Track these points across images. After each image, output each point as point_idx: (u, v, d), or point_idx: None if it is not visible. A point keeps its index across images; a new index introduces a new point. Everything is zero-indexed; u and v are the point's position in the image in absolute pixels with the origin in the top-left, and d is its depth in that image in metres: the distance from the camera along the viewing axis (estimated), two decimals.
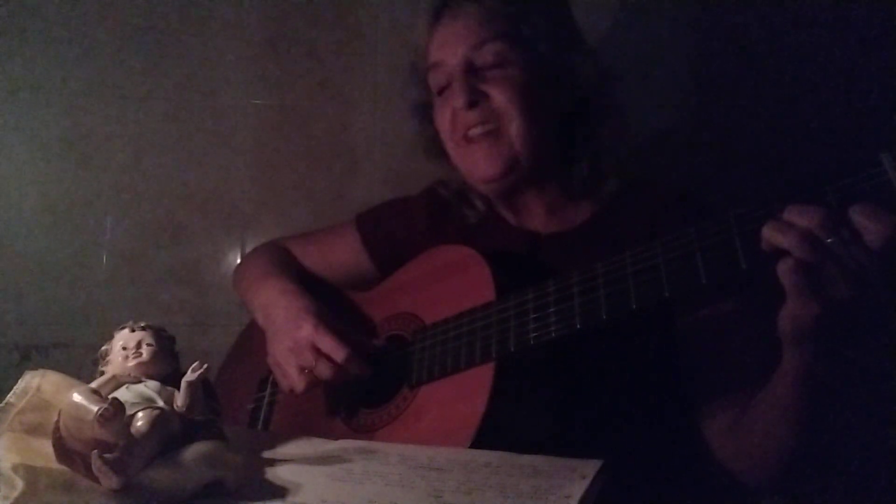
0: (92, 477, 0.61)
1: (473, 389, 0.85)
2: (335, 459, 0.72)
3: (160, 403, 0.65)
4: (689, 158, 1.36)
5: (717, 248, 0.72)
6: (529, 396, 0.89)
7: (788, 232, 0.66)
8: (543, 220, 1.07)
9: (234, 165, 1.46)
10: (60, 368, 0.72)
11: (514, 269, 0.97)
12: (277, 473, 0.69)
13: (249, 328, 1.22)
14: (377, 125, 1.46)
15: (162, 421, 0.63)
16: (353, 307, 1.12)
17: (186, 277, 1.44)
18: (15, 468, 0.63)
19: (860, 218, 0.64)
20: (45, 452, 0.65)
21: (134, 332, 0.71)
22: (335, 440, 0.81)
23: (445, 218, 1.15)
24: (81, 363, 1.33)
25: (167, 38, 1.44)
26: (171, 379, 0.68)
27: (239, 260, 1.41)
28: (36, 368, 0.71)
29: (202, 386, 0.66)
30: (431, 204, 1.17)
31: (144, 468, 0.61)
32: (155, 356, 0.70)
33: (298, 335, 0.98)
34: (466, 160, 1.03)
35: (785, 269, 0.66)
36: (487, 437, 0.80)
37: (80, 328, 1.40)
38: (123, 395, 0.64)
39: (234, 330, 1.28)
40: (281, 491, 0.65)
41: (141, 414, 0.63)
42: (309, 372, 0.96)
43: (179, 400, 0.65)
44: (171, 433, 0.64)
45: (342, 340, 0.95)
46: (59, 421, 0.63)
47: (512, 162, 1.00)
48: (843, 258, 0.64)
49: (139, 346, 0.70)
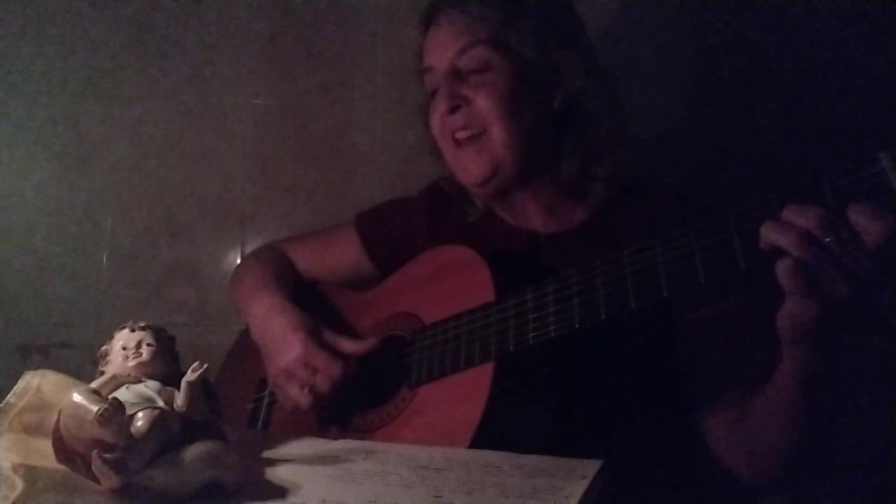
0: (92, 477, 0.61)
1: (473, 389, 0.85)
2: (335, 459, 0.72)
3: (160, 403, 0.65)
4: (689, 158, 1.36)
5: (715, 247, 0.72)
6: (529, 396, 0.89)
7: (787, 231, 0.66)
8: (541, 220, 1.07)
9: (234, 165, 1.45)
10: (60, 368, 0.72)
11: (513, 269, 0.97)
12: (277, 473, 0.69)
13: (249, 328, 1.22)
14: (377, 125, 1.45)
15: (162, 421, 0.63)
16: (353, 307, 1.12)
17: (186, 277, 1.44)
18: (15, 468, 0.63)
19: (858, 217, 0.64)
20: (45, 452, 0.65)
21: (134, 332, 0.71)
22: (335, 440, 0.81)
23: (445, 218, 1.15)
24: (81, 363, 1.34)
25: (167, 37, 1.44)
26: (171, 379, 0.68)
27: (239, 260, 1.41)
28: (36, 368, 0.72)
29: (202, 386, 0.66)
30: (431, 204, 1.17)
31: (144, 468, 0.61)
32: (155, 356, 0.69)
33: (290, 356, 0.98)
34: (456, 162, 1.05)
35: (783, 268, 0.66)
36: (487, 437, 0.80)
37: (80, 328, 1.40)
38: (123, 395, 0.64)
39: (234, 330, 1.28)
40: (281, 491, 0.65)
41: (141, 414, 0.63)
42: (309, 390, 0.96)
43: (179, 400, 0.65)
44: (171, 433, 0.64)
45: (334, 354, 0.97)
46: (59, 421, 0.63)
47: (496, 166, 1.01)
48: (841, 257, 0.64)
49: (139, 346, 0.70)
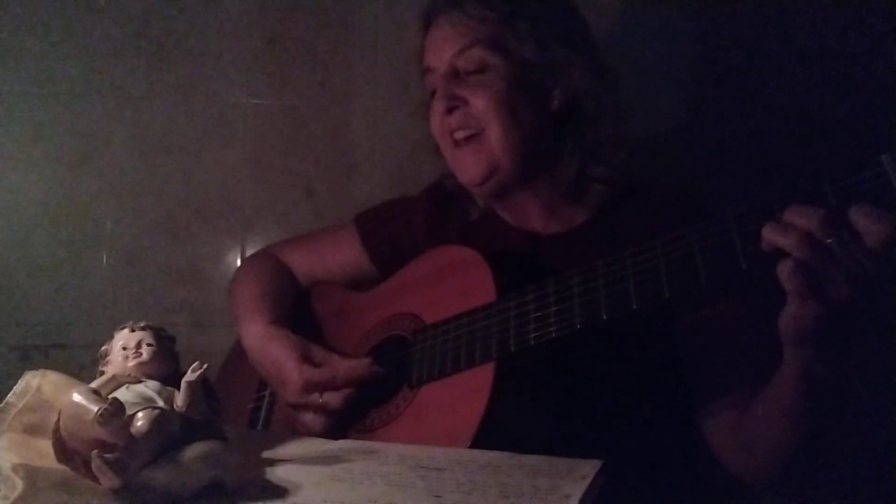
0: (92, 477, 0.61)
1: (473, 389, 0.85)
2: (335, 459, 0.73)
3: (160, 403, 0.65)
4: (689, 158, 1.36)
5: (716, 248, 0.72)
6: (529, 396, 0.89)
7: (788, 232, 0.66)
8: (542, 220, 1.07)
9: (234, 165, 1.45)
10: (60, 368, 0.72)
11: (514, 269, 0.97)
12: (277, 473, 0.69)
13: None
14: (377, 125, 1.45)
15: (162, 421, 0.63)
16: (353, 307, 1.12)
17: (186, 277, 1.44)
18: (15, 468, 0.63)
19: (860, 219, 0.64)
20: (45, 452, 0.65)
21: (134, 332, 0.71)
22: (335, 440, 0.81)
23: (446, 218, 1.15)
24: (81, 363, 1.34)
25: (167, 37, 1.44)
26: (171, 379, 0.68)
27: (239, 261, 1.41)
28: (36, 368, 0.72)
29: (202, 386, 0.66)
30: (431, 204, 1.17)
31: (144, 468, 0.61)
32: (155, 356, 0.70)
33: (292, 388, 0.98)
34: (454, 162, 1.05)
35: (785, 269, 0.66)
36: (487, 437, 0.80)
37: (80, 328, 1.40)
38: (123, 395, 0.64)
39: (234, 330, 1.27)
40: (281, 491, 0.65)
41: (141, 414, 0.63)
42: (322, 409, 0.96)
43: (179, 400, 0.65)
44: (171, 433, 0.64)
45: (332, 369, 0.96)
46: (59, 421, 0.63)
47: (493, 166, 1.01)
48: (843, 259, 0.64)
49: (139, 346, 0.70)
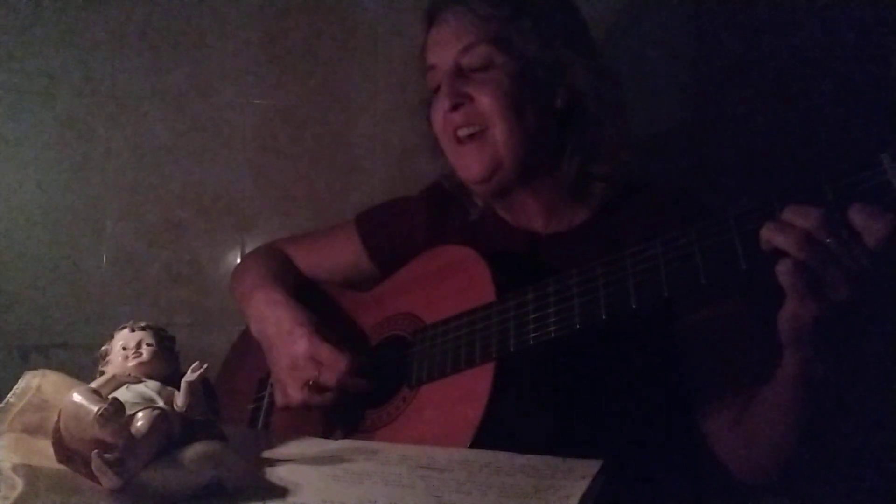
0: (92, 477, 0.61)
1: (473, 389, 0.85)
2: (335, 459, 0.72)
3: (160, 403, 0.65)
4: (689, 158, 1.36)
5: (716, 248, 0.72)
6: (529, 396, 0.89)
7: (788, 232, 0.66)
8: (542, 220, 1.07)
9: (234, 165, 1.45)
10: (60, 368, 0.73)
11: (513, 269, 0.97)
12: (277, 473, 0.69)
13: (249, 328, 1.22)
14: (377, 125, 1.45)
15: (162, 421, 0.63)
16: (353, 307, 1.12)
17: (186, 277, 1.44)
18: (15, 468, 0.63)
19: (859, 218, 0.64)
20: (45, 452, 0.65)
21: (134, 332, 0.71)
22: (335, 440, 0.81)
23: (445, 218, 1.15)
24: (81, 363, 1.34)
25: (167, 38, 1.44)
26: (171, 379, 0.68)
27: (239, 260, 1.41)
28: (36, 368, 0.72)
29: (202, 386, 0.66)
30: (431, 204, 1.17)
31: (144, 468, 0.61)
32: (155, 356, 0.70)
33: (295, 350, 0.97)
34: (456, 160, 1.05)
35: (784, 270, 0.66)
36: (487, 437, 0.80)
37: (80, 328, 1.40)
38: (123, 395, 0.64)
39: (234, 330, 1.28)
40: (281, 491, 0.65)
41: (141, 414, 0.63)
42: (311, 385, 0.96)
43: (179, 400, 0.65)
44: (171, 433, 0.64)
45: (339, 349, 0.95)
46: (59, 421, 0.63)
47: (496, 164, 1.01)
48: (842, 259, 0.64)
49: (139, 346, 0.70)
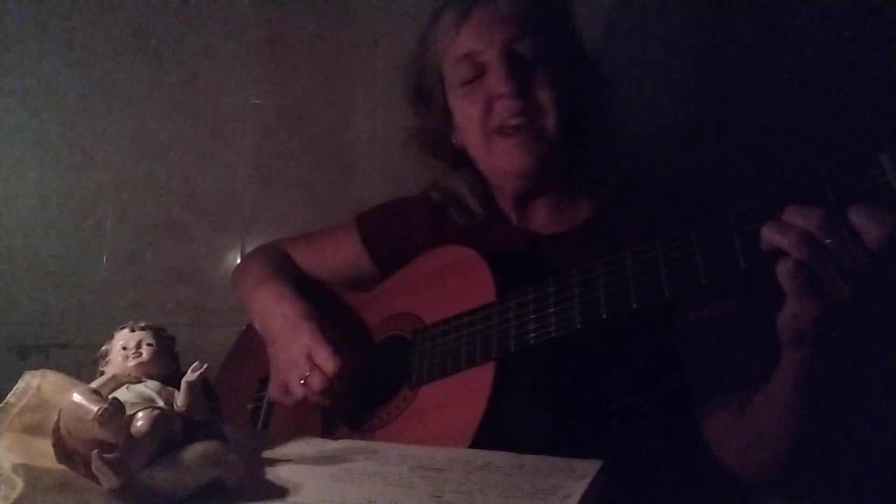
0: (92, 477, 0.61)
1: (474, 389, 0.85)
2: (335, 459, 0.72)
3: (160, 403, 0.65)
4: (689, 158, 1.36)
5: (717, 248, 0.72)
6: (529, 396, 0.89)
7: (788, 233, 0.66)
8: (545, 219, 1.07)
9: (234, 165, 1.45)
10: (60, 368, 0.73)
11: (514, 269, 0.97)
12: (277, 473, 0.69)
13: (250, 328, 1.22)
14: (377, 125, 1.45)
15: (162, 421, 0.63)
16: (353, 308, 1.12)
17: (186, 277, 1.44)
18: (15, 468, 0.63)
19: (859, 218, 0.64)
20: (45, 452, 0.65)
21: (134, 332, 0.71)
22: (335, 440, 0.81)
23: (446, 218, 1.14)
24: (81, 363, 1.33)
25: (167, 38, 1.44)
26: (171, 379, 0.68)
27: (239, 260, 1.41)
28: (36, 368, 0.72)
29: (202, 386, 0.66)
30: (431, 204, 1.17)
31: (144, 468, 0.61)
32: (155, 356, 0.70)
33: (297, 344, 0.97)
34: (497, 153, 1.01)
35: (784, 269, 0.66)
36: (487, 437, 0.80)
37: (80, 328, 1.40)
38: (123, 395, 0.64)
39: (234, 330, 1.28)
40: (281, 491, 0.65)
41: (141, 414, 0.63)
42: (306, 383, 0.95)
43: (179, 400, 0.65)
44: (171, 433, 0.64)
45: (336, 352, 0.94)
46: (59, 421, 0.63)
47: (545, 157, 0.99)
48: (842, 259, 0.64)
49: (139, 346, 0.70)
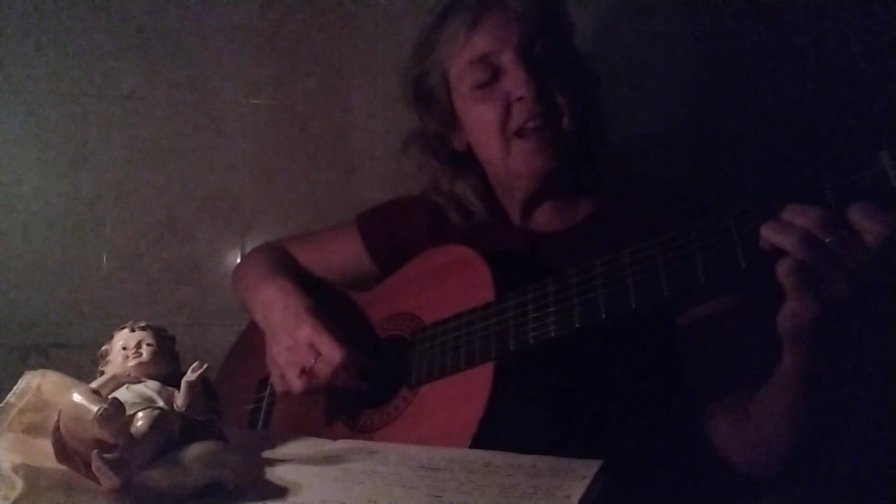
0: (92, 477, 0.61)
1: (473, 389, 0.85)
2: (335, 459, 0.73)
3: (160, 403, 0.65)
4: (689, 158, 1.36)
5: (716, 247, 0.72)
6: (529, 396, 0.89)
7: (787, 232, 0.66)
8: (546, 218, 1.08)
9: (234, 165, 1.45)
10: (60, 368, 0.72)
11: (513, 268, 0.97)
12: (277, 473, 0.69)
13: (249, 328, 1.22)
14: (377, 125, 1.45)
15: (162, 421, 0.63)
16: (353, 307, 1.12)
17: (186, 277, 1.44)
18: (15, 468, 0.63)
19: (859, 217, 0.64)
20: (45, 452, 0.65)
21: (134, 332, 0.71)
22: (335, 440, 0.81)
23: (446, 218, 1.15)
24: (81, 363, 1.34)
25: (167, 37, 1.44)
26: (171, 379, 0.68)
27: (239, 259, 1.41)
28: (36, 368, 0.72)
29: (202, 386, 0.67)
30: (432, 204, 1.17)
31: (144, 468, 0.61)
32: (155, 356, 0.70)
33: (298, 334, 0.97)
34: (516, 155, 1.00)
35: (784, 269, 0.66)
36: (487, 437, 0.80)
37: (80, 328, 1.40)
38: (123, 395, 0.64)
39: (234, 330, 1.28)
40: (281, 491, 0.65)
41: (141, 414, 0.63)
42: (308, 373, 0.96)
43: (179, 400, 0.65)
44: (171, 433, 0.64)
45: (339, 341, 0.95)
46: (59, 421, 0.64)
47: (563, 157, 1.00)
48: (841, 258, 0.64)
49: (139, 346, 0.70)
